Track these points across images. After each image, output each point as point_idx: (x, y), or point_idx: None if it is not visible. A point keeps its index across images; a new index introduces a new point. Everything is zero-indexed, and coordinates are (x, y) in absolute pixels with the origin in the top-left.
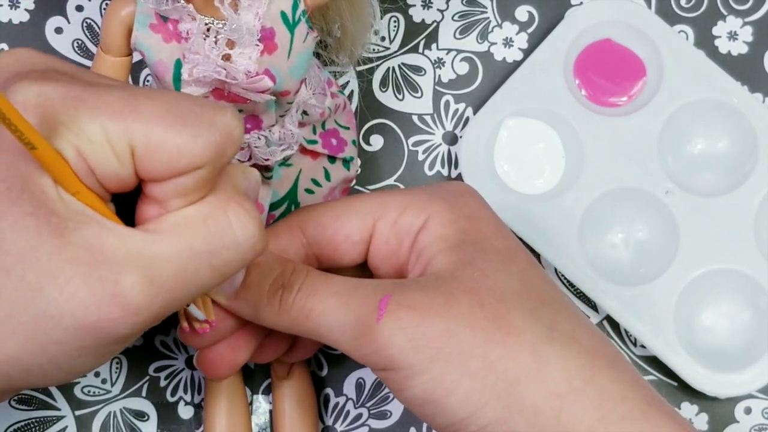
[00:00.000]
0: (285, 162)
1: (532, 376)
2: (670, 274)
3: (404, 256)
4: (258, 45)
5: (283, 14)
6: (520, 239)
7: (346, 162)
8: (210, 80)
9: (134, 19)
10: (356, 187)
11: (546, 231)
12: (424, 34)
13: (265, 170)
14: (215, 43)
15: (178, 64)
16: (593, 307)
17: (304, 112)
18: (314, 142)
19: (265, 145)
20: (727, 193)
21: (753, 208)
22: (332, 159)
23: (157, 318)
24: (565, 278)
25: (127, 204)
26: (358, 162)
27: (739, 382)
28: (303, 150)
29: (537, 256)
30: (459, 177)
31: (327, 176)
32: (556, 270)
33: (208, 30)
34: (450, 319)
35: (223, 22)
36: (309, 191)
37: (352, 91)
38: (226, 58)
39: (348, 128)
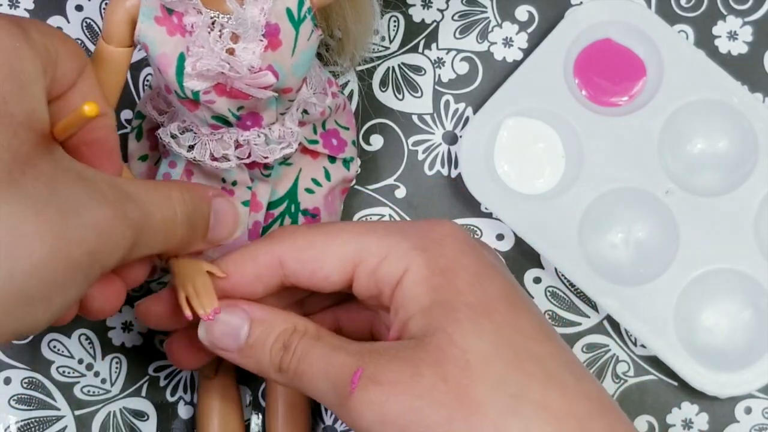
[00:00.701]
0: (285, 161)
1: None
2: (670, 274)
3: (386, 302)
4: (262, 40)
5: (289, 11)
6: (521, 239)
7: (346, 162)
8: (213, 74)
9: (139, 11)
10: (356, 186)
11: (546, 231)
12: (424, 34)
13: (264, 168)
14: (219, 36)
15: (182, 58)
16: (593, 306)
17: (305, 111)
18: (315, 142)
19: (264, 143)
20: (727, 193)
21: (753, 208)
22: (332, 159)
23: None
24: (565, 278)
25: None
26: (358, 162)
27: (740, 382)
28: (303, 149)
29: (537, 256)
30: (459, 177)
31: (327, 176)
32: (556, 270)
33: (213, 23)
34: (414, 396)
35: (228, 16)
36: (309, 191)
37: (352, 91)
38: (230, 52)
39: (348, 128)
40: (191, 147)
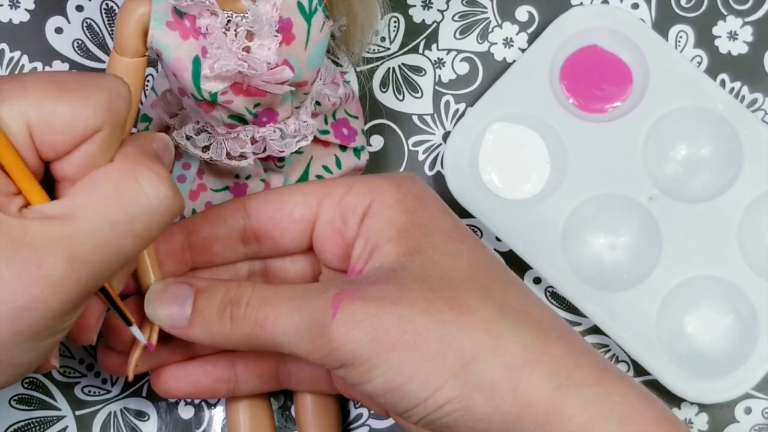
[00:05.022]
0: (297, 150)
1: (489, 352)
2: (653, 280)
3: (350, 236)
4: (276, 36)
5: (300, 5)
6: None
7: (357, 151)
8: (231, 74)
9: (150, 18)
10: None
11: (529, 236)
12: (425, 35)
13: (278, 161)
14: (235, 35)
15: (197, 61)
16: (581, 315)
17: (317, 103)
18: (326, 132)
19: (279, 137)
20: (711, 199)
21: (737, 214)
22: (343, 147)
23: (87, 291)
24: (549, 284)
25: None
26: (368, 152)
27: (721, 389)
28: (315, 139)
29: (520, 261)
30: None
31: (338, 164)
32: (540, 277)
33: (228, 23)
34: (404, 306)
35: (242, 14)
36: (320, 177)
37: (352, 91)
38: (246, 50)
39: (357, 117)
40: (206, 147)
